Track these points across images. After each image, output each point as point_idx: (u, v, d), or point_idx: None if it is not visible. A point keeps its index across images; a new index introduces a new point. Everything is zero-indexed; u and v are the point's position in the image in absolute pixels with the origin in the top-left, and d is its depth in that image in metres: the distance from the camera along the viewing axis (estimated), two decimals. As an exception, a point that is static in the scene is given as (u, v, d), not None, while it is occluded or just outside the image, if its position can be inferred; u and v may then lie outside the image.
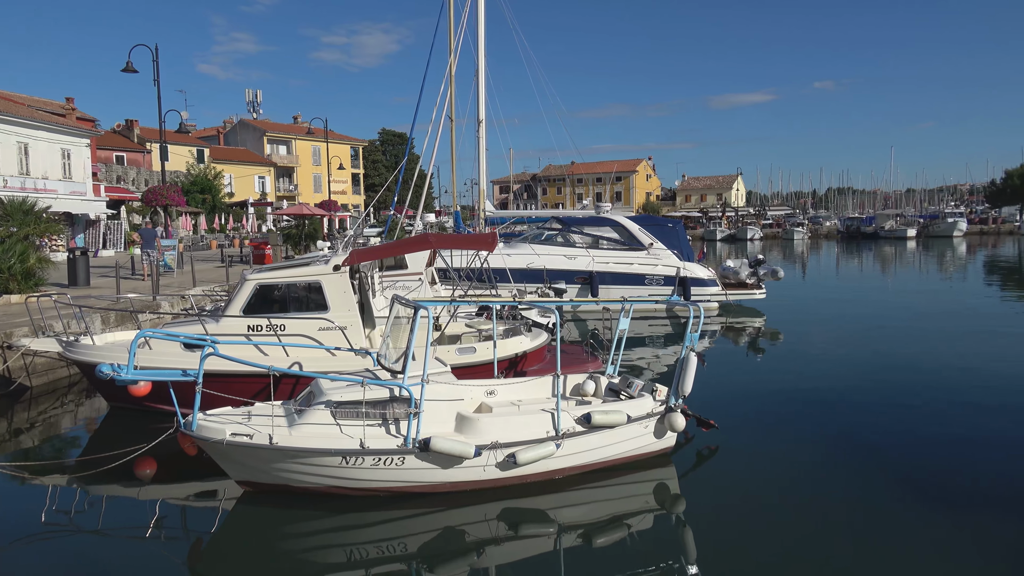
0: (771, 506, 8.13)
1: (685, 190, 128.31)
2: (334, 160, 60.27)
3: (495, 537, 7.52)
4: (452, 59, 25.56)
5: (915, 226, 78.01)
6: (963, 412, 11.61)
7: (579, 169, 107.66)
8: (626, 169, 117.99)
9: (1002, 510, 7.87)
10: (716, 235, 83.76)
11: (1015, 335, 18.83)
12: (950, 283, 33.97)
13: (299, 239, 35.14)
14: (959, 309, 24.34)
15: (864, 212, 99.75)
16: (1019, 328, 20.22)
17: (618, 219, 26.57)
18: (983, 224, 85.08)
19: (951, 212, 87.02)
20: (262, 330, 11.45)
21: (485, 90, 26.78)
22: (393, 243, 18.32)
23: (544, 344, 13.07)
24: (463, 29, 25.62)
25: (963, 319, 21.89)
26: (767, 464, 9.46)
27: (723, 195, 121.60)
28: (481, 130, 27.00)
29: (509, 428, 8.40)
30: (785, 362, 16.35)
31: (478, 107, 26.87)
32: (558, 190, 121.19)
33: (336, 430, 8.04)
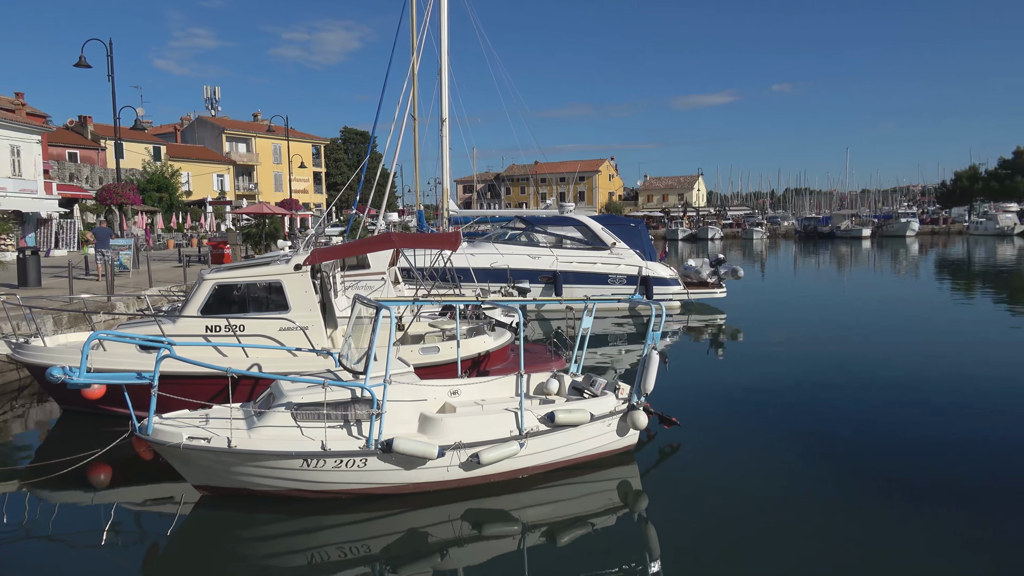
0: (732, 502, 8.24)
1: (647, 190, 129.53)
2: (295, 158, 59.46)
3: (459, 538, 7.49)
4: (415, 58, 25.43)
5: (870, 226, 79.86)
6: (920, 408, 11.90)
7: (543, 169, 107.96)
8: (589, 169, 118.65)
9: (956, 502, 8.09)
10: (678, 235, 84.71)
11: (966, 332, 19.39)
12: (905, 282, 34.88)
13: (259, 238, 34.61)
14: (914, 308, 24.99)
15: (821, 212, 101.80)
16: (969, 325, 20.83)
17: (581, 219, 26.71)
18: (934, 224, 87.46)
19: (904, 212, 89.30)
20: (221, 331, 11.24)
21: (448, 89, 26.71)
22: (355, 242, 18.15)
23: (508, 343, 13.08)
24: (426, 27, 25.51)
25: (918, 317, 22.48)
26: (728, 461, 9.60)
27: (684, 195, 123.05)
28: (444, 129, 26.91)
29: (473, 428, 8.37)
30: (745, 360, 16.61)
31: (441, 106, 26.79)
32: (522, 190, 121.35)
33: (297, 432, 7.93)
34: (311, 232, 28.84)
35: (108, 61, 26.11)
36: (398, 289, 17.75)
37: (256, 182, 78.46)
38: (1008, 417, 11.20)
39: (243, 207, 57.13)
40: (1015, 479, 8.74)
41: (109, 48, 26.02)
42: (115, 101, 27.12)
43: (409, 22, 25.87)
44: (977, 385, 13.21)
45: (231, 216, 57.44)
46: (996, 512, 7.82)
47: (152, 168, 58.75)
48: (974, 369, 14.52)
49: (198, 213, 58.77)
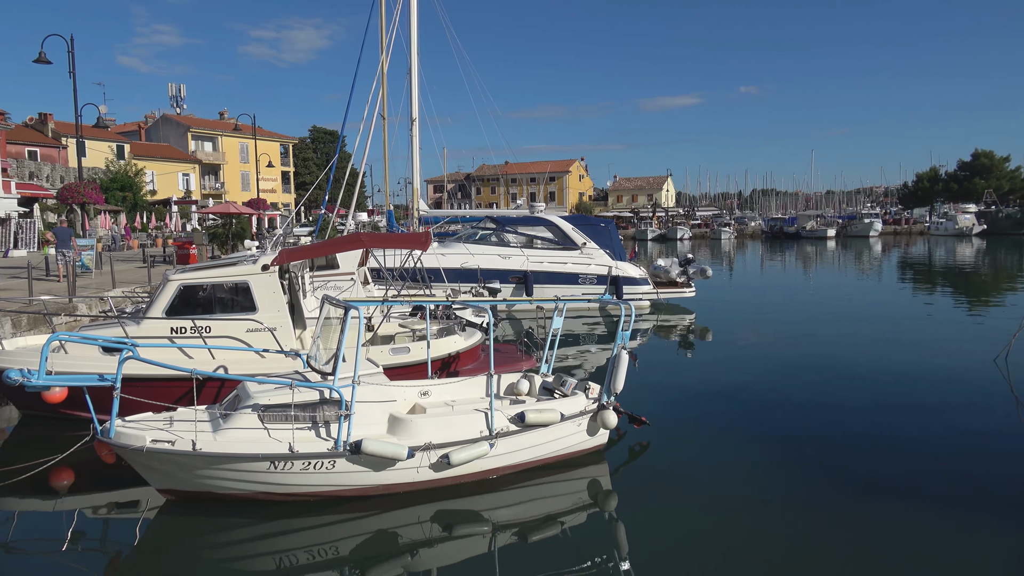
0: (701, 500, 8.32)
1: (617, 190, 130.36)
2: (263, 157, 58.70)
3: (429, 539, 7.45)
4: (384, 57, 25.24)
5: (834, 226, 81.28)
6: (883, 405, 12.13)
7: (513, 169, 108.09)
8: (559, 170, 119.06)
9: (918, 498, 8.26)
10: (647, 235, 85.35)
11: (928, 331, 19.80)
12: (869, 282, 35.53)
13: (226, 238, 34.11)
14: (878, 307, 25.47)
15: (787, 213, 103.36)
16: (929, 324, 21.28)
17: (552, 219, 26.78)
18: (896, 224, 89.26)
19: (867, 213, 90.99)
20: (186, 332, 11.07)
21: (418, 88, 26.58)
22: (324, 242, 17.99)
23: (478, 343, 13.06)
24: (395, 27, 25.35)
25: (881, 317, 22.91)
26: (697, 459, 9.69)
27: (654, 196, 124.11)
28: (414, 129, 26.77)
29: (443, 429, 8.35)
30: (714, 359, 16.78)
31: (411, 106, 26.63)
32: (492, 190, 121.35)
33: (264, 434, 7.83)
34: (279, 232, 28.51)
35: (69, 57, 25.54)
36: (367, 289, 17.62)
37: (223, 181, 77.35)
38: (965, 412, 11.46)
39: (209, 207, 56.30)
40: (978, 476, 8.95)
41: (70, 44, 25.45)
42: (76, 98, 26.54)
43: (378, 21, 25.68)
44: (937, 383, 13.50)
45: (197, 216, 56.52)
46: (960, 507, 7.99)
47: (115, 167, 57.61)
48: (935, 367, 14.83)
49: (163, 213, 57.77)
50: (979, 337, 18.09)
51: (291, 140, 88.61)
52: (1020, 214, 77.36)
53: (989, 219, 78.42)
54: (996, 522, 7.60)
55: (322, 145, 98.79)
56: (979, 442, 10.16)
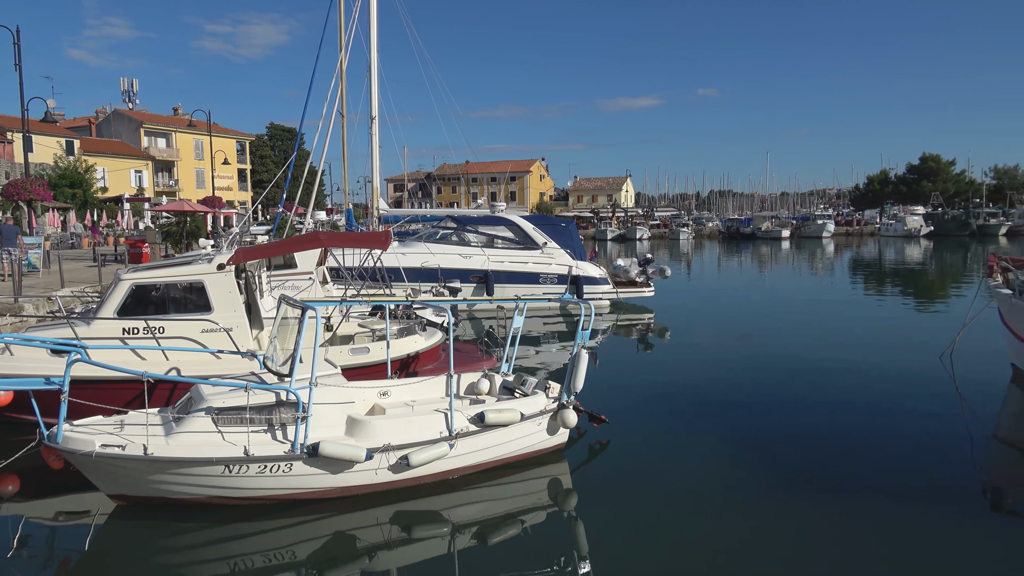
0: (661, 498, 8.42)
1: (577, 191, 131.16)
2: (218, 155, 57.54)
3: (388, 541, 7.40)
4: (343, 55, 24.98)
5: (789, 227, 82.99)
6: (836, 402, 12.41)
7: (474, 168, 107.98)
8: (520, 169, 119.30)
9: (870, 492, 8.48)
10: (607, 235, 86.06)
11: (877, 328, 20.34)
12: (822, 282, 36.37)
13: (180, 237, 33.41)
14: (830, 306, 26.07)
15: (743, 214, 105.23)
16: (879, 321, 21.86)
17: (513, 218, 26.82)
18: (848, 226, 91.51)
19: (821, 214, 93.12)
20: (139, 333, 10.82)
21: (378, 86, 26.37)
22: (282, 241, 17.75)
23: (439, 343, 13.02)
24: (354, 23, 25.11)
25: (833, 316, 23.46)
26: (656, 457, 9.80)
27: (613, 196, 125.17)
28: (374, 127, 26.56)
29: (402, 429, 8.30)
30: (673, 357, 17.00)
31: (371, 103, 26.41)
32: (453, 189, 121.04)
33: (218, 437, 7.69)
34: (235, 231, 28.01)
35: (15, 49, 24.78)
36: (326, 289, 17.43)
37: (177, 179, 75.69)
38: (912, 408, 11.81)
39: (163, 204, 55.07)
40: (924, 468, 9.22)
41: (16, 36, 24.65)
42: (23, 92, 25.74)
43: (337, 17, 25.42)
44: (886, 380, 13.86)
45: (150, 214, 55.21)
46: (907, 498, 8.22)
47: (64, 163, 55.96)
48: (885, 364, 15.22)
49: (114, 210, 56.29)
50: (925, 335, 18.64)
51: (248, 137, 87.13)
52: (964, 216, 79.96)
53: (936, 221, 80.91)
54: (940, 513, 7.84)
55: (280, 142, 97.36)
56: (925, 436, 10.47)
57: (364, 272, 16.45)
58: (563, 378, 9.78)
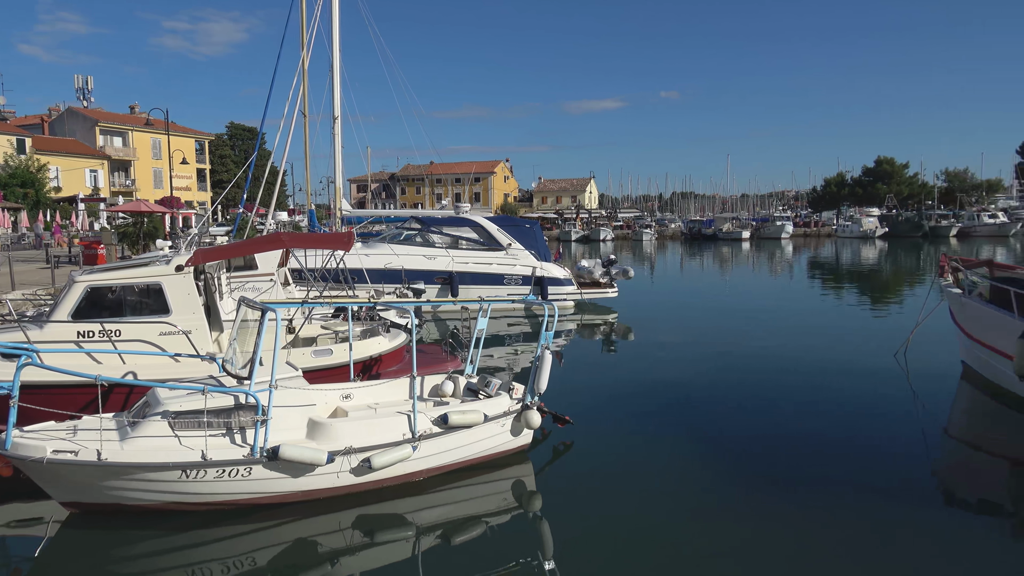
0: (624, 498, 8.47)
1: (542, 192, 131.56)
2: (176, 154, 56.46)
3: (350, 545, 7.33)
4: (305, 54, 24.69)
5: (749, 228, 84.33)
6: (794, 400, 12.63)
7: (438, 169, 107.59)
8: (484, 170, 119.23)
9: (833, 489, 8.64)
10: (571, 236, 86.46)
11: (834, 327, 20.77)
12: (781, 282, 37.04)
13: (137, 238, 32.71)
14: (789, 306, 26.56)
15: (705, 215, 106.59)
16: (836, 321, 22.34)
17: (477, 219, 26.79)
18: (806, 227, 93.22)
19: (779, 216, 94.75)
20: (94, 336, 10.57)
21: (340, 86, 26.12)
22: (242, 242, 17.48)
23: (403, 345, 12.95)
24: (316, 22, 24.83)
25: (792, 315, 23.90)
26: (620, 457, 9.86)
27: (577, 197, 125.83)
28: (337, 127, 26.29)
29: (364, 432, 8.23)
30: (636, 357, 17.14)
31: (333, 103, 26.15)
32: (417, 190, 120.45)
33: (175, 442, 7.54)
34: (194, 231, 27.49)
35: (-39, 44, 23.93)
36: (288, 291, 17.21)
37: (134, 178, 74.04)
38: (868, 405, 12.08)
39: (119, 204, 53.85)
40: (880, 464, 9.43)
41: (-38, 30, 23.85)
42: (-30, 88, 24.86)
43: (299, 15, 25.12)
44: (843, 377, 14.15)
45: (106, 214, 53.97)
46: (862, 493, 8.40)
47: (15, 162, 54.40)
48: (841, 362, 15.54)
49: (68, 211, 54.88)
50: (880, 334, 19.09)
51: (207, 136, 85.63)
52: (917, 218, 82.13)
53: (890, 223, 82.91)
54: (896, 507, 8.02)
55: (240, 142, 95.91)
56: (881, 432, 10.71)
57: (327, 273, 16.28)
58: (527, 379, 9.80)
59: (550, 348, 9.85)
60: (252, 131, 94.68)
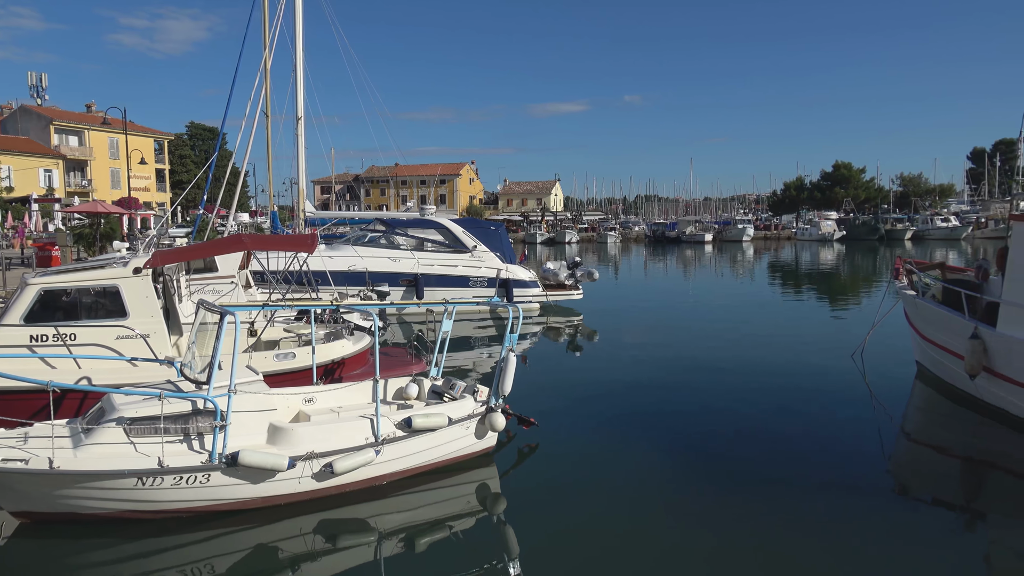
0: (589, 499, 8.51)
1: (507, 194, 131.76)
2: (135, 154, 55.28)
3: (312, 551, 7.24)
4: (267, 53, 24.39)
5: (711, 231, 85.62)
6: (754, 400, 12.81)
7: (403, 171, 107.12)
8: (450, 172, 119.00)
9: (793, 487, 8.78)
10: (536, 238, 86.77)
11: (794, 328, 21.14)
12: (742, 284, 37.60)
13: (93, 239, 31.94)
14: (750, 307, 26.95)
15: (668, 218, 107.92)
16: (797, 322, 22.74)
17: (442, 221, 26.72)
18: (767, 230, 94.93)
19: (741, 219, 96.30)
20: (48, 340, 10.30)
21: (304, 86, 25.85)
22: (202, 244, 17.22)
23: (367, 348, 12.84)
24: (279, 21, 24.55)
25: (753, 316, 24.26)
26: (585, 458, 9.89)
27: (543, 200, 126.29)
28: (300, 127, 26.01)
29: (326, 437, 8.13)
30: (601, 359, 17.25)
31: (296, 103, 25.87)
32: (382, 192, 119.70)
33: (130, 449, 7.36)
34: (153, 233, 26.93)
35: (-93, 38, 23.13)
36: (249, 293, 16.98)
37: (90, 179, 72.26)
38: (826, 404, 12.32)
39: (75, 205, 52.52)
40: (837, 462, 9.62)
41: (-92, 24, 23.06)
42: (-84, 84, 24.06)
43: (261, 14, 24.80)
44: (802, 377, 14.42)
45: (61, 215, 52.59)
46: (820, 492, 8.56)
47: (-36, 160, 52.66)
48: (800, 362, 15.84)
49: (21, 211, 53.33)
50: (838, 335, 19.49)
51: (167, 136, 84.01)
52: (874, 221, 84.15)
53: (847, 226, 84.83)
54: (855, 504, 8.19)
55: (200, 142, 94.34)
56: (839, 431, 10.93)
57: (289, 276, 16.09)
58: (492, 382, 9.79)
59: (515, 350, 9.85)
60: (213, 131, 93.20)
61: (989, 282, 12.57)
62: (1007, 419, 11.13)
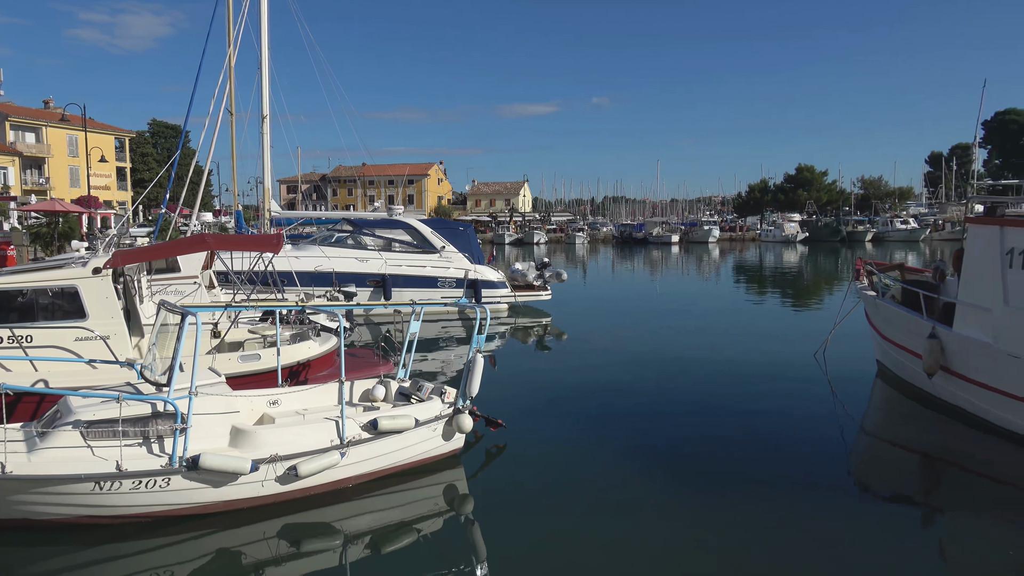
0: (557, 500, 8.51)
1: (476, 195, 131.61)
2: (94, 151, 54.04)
3: (275, 556, 7.13)
4: (232, 50, 24.00)
5: (678, 233, 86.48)
6: (720, 400, 12.95)
7: (371, 171, 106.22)
8: (418, 172, 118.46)
9: (757, 484, 8.88)
10: (505, 239, 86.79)
11: (758, 329, 21.44)
12: (708, 285, 38.05)
13: (51, 239, 31.20)
14: (716, 308, 27.28)
15: (636, 219, 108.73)
16: (761, 322, 23.07)
17: (411, 222, 26.58)
18: (732, 231, 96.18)
19: (707, 221, 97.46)
20: (3, 342, 10.04)
21: (269, 84, 25.48)
22: (164, 244, 16.91)
23: (334, 349, 12.71)
24: (243, 17, 24.16)
25: (718, 316, 24.56)
26: (552, 459, 9.90)
27: (511, 200, 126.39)
28: (265, 126, 25.61)
29: (290, 439, 8.02)
30: (569, 359, 17.29)
31: (262, 101, 25.49)
32: (349, 191, 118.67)
33: (87, 452, 7.19)
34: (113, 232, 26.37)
35: None
36: (213, 294, 16.69)
37: (48, 176, 70.47)
38: (789, 403, 12.51)
39: (32, 204, 51.21)
40: (801, 459, 9.77)
41: None
42: None
43: (225, 10, 24.41)
44: (766, 377, 14.60)
45: (17, 214, 51.24)
46: (786, 488, 8.68)
47: (-86, 157, 51.03)
48: (764, 362, 16.03)
49: (-26, 209, 51.82)
50: (801, 334, 19.79)
51: (128, 133, 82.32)
52: (835, 223, 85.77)
53: (810, 228, 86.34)
54: (816, 501, 8.32)
55: (163, 140, 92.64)
56: (802, 429, 11.10)
57: (254, 276, 15.87)
58: (460, 383, 9.75)
59: (482, 351, 9.82)
60: (176, 129, 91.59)
61: (946, 283, 12.86)
62: (963, 417, 11.40)
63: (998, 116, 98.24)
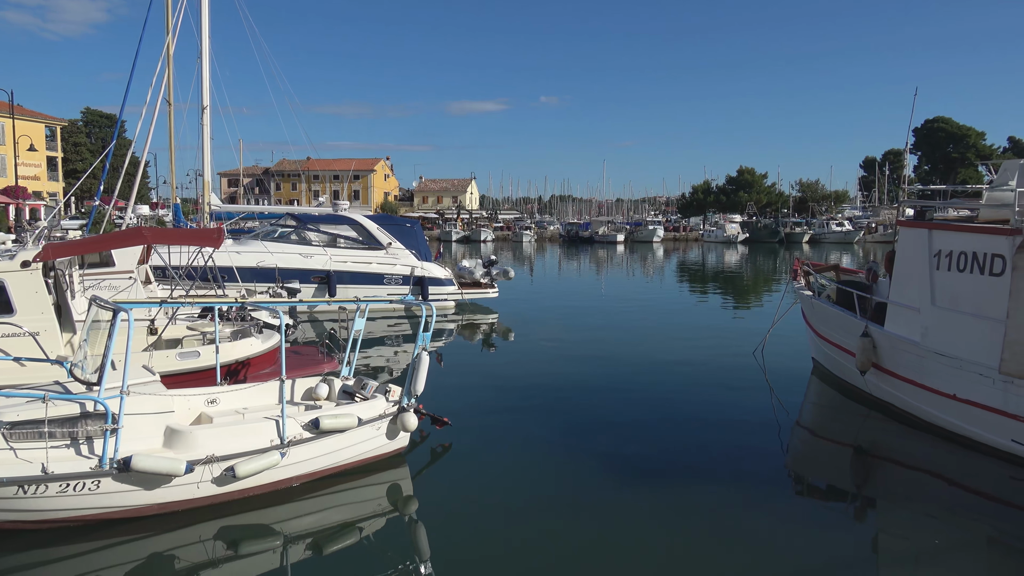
0: (501, 499, 8.50)
1: (423, 191, 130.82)
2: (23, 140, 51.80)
3: (212, 559, 6.94)
4: (170, 38, 23.30)
5: (623, 232, 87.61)
6: (662, 396, 13.18)
7: (316, 165, 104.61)
8: (364, 168, 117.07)
9: (696, 479, 9.06)
10: (452, 236, 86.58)
11: (699, 327, 21.90)
12: (652, 283, 38.64)
13: (-26, 231, 29.72)
14: (659, 306, 27.71)
15: (582, 218, 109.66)
16: (702, 320, 23.56)
17: (357, 218, 26.27)
18: (676, 232, 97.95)
19: (652, 220, 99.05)
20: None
21: (210, 74, 24.84)
22: (98, 237, 16.35)
23: (276, 347, 12.47)
24: (183, 5, 23.50)
25: (661, 314, 24.97)
26: (498, 458, 9.90)
27: (458, 198, 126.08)
28: (205, 117, 25.00)
29: (228, 439, 7.82)
30: (515, 357, 17.32)
31: (202, 92, 24.83)
32: (293, 186, 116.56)
33: (10, 455, 6.87)
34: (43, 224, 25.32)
35: None
36: (149, 289, 16.21)
37: (-28, 165, 67.26)
38: (729, 399, 12.80)
39: (-47, 194, 48.74)
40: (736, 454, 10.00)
41: None
42: None
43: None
44: (706, 374, 14.92)
45: (-63, 204, 48.72)
46: (721, 483, 8.87)
47: None
48: (705, 359, 16.38)
49: None
50: (741, 332, 20.27)
51: (60, 122, 79.05)
52: (774, 225, 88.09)
53: (750, 229, 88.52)
54: (753, 495, 8.52)
55: (97, 129, 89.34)
56: (740, 424, 11.37)
57: (193, 272, 15.46)
58: (405, 381, 9.66)
59: (428, 349, 9.75)
60: (111, 118, 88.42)
61: (878, 283, 13.32)
62: (893, 412, 11.85)
63: (927, 124, 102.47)
